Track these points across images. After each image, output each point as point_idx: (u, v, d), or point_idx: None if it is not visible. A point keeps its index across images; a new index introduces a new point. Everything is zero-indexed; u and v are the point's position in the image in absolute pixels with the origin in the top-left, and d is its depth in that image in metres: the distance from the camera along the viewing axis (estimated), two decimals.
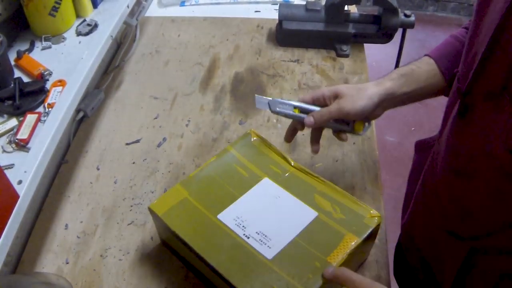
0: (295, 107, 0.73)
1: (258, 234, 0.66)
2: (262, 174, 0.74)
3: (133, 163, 0.92)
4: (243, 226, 0.67)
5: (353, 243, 0.64)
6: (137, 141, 0.96)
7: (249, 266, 0.63)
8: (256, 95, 0.76)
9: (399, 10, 1.08)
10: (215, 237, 0.66)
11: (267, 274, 0.62)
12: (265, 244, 0.65)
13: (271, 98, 0.75)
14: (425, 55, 0.76)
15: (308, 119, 0.72)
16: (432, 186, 0.67)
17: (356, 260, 0.71)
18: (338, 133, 0.76)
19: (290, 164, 0.76)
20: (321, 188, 0.72)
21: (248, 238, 0.66)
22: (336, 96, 0.72)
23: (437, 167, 0.65)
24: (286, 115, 0.74)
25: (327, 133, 0.79)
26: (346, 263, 0.63)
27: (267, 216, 0.69)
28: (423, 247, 0.75)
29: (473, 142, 0.56)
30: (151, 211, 0.70)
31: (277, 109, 0.74)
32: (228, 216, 0.68)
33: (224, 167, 0.75)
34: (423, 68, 0.73)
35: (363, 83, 0.74)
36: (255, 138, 0.80)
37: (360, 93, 0.71)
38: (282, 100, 0.74)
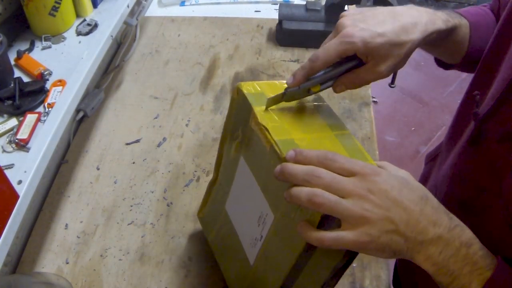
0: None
1: None
2: None
3: (133, 163, 0.92)
4: None
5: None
6: (137, 141, 0.96)
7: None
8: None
9: None
10: None
11: None
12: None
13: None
14: (463, 16, 0.64)
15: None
16: None
17: None
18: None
19: None
20: None
21: None
22: (368, 55, 0.55)
23: (441, 194, 0.61)
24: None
25: None
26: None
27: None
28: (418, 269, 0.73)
29: (482, 173, 0.51)
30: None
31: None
32: None
33: None
34: (463, 30, 0.63)
35: (402, 23, 0.55)
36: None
37: (401, 49, 0.54)
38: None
